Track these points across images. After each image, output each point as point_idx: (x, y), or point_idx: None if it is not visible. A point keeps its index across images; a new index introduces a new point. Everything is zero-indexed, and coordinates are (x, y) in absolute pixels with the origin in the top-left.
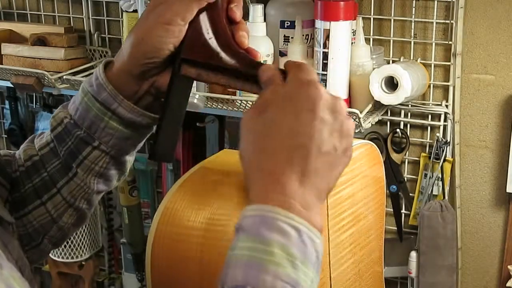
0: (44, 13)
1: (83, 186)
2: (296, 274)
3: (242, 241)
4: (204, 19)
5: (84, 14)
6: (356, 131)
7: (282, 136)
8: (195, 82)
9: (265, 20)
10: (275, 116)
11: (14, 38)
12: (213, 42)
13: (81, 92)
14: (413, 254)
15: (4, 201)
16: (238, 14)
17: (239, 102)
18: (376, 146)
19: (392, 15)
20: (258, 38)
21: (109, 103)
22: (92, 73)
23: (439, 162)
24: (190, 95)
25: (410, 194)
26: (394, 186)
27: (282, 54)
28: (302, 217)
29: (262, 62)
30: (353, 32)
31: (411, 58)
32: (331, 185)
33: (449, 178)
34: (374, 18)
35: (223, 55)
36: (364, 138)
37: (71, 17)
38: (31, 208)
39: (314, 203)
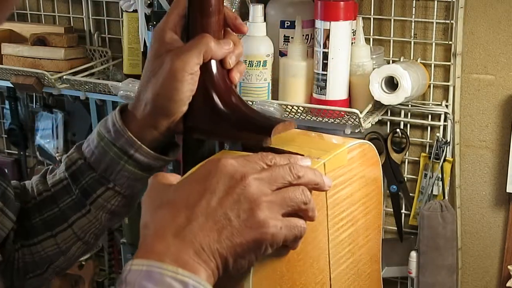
0: (44, 13)
1: (95, 223)
2: None
3: None
4: (207, 79)
5: (84, 14)
6: (356, 131)
7: (177, 201)
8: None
9: (265, 20)
10: (177, 187)
11: (14, 38)
12: (216, 109)
13: (96, 136)
14: (413, 254)
15: (6, 232)
16: (237, 78)
17: None
18: (373, 145)
19: (392, 15)
20: (258, 38)
21: (126, 149)
22: (92, 73)
23: (439, 162)
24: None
25: (410, 194)
26: (394, 186)
27: (282, 54)
28: (176, 267)
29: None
30: (353, 32)
31: (411, 58)
32: (228, 250)
33: (449, 178)
34: (374, 18)
35: (228, 123)
36: (364, 138)
37: (71, 17)
38: (41, 239)
39: (192, 260)
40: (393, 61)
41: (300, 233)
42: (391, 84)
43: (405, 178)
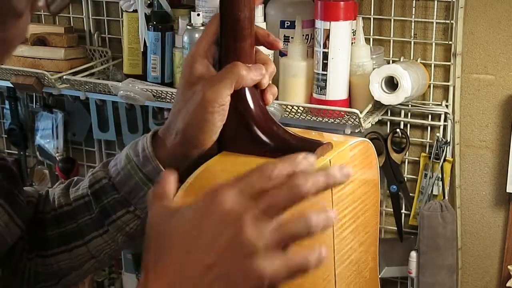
0: (44, 13)
1: (111, 244)
2: None
3: None
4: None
5: (84, 14)
6: (356, 131)
7: (172, 241)
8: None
9: (265, 20)
10: (176, 222)
11: None
12: (256, 137)
13: (125, 158)
14: (413, 254)
15: (14, 240)
16: (271, 100)
17: None
18: (371, 143)
19: (392, 15)
20: None
21: (152, 176)
22: (92, 73)
23: (439, 162)
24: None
25: (410, 194)
26: (394, 186)
27: (282, 54)
28: None
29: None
30: (353, 32)
31: (411, 58)
32: None
33: (449, 178)
34: (374, 18)
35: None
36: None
37: (71, 17)
38: (56, 252)
39: None
40: (393, 61)
41: (306, 267)
42: (391, 84)
43: (405, 178)
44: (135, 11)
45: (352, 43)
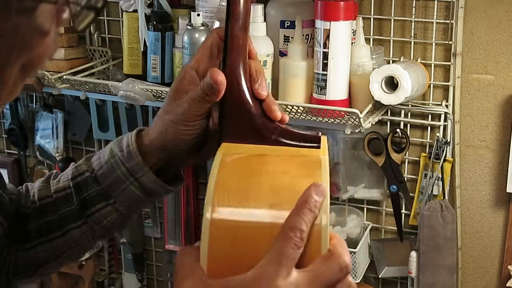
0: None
1: (88, 235)
2: None
3: None
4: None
5: None
6: (356, 131)
7: None
8: None
9: (265, 20)
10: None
11: None
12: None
13: (109, 152)
14: (413, 254)
15: None
16: (264, 93)
17: None
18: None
19: (392, 15)
20: (258, 38)
21: (135, 171)
22: (92, 73)
23: (439, 162)
24: None
25: (410, 194)
26: (394, 186)
27: (282, 54)
28: None
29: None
30: (353, 32)
31: (411, 58)
32: None
33: (449, 178)
34: (374, 18)
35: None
36: (364, 138)
37: None
38: (35, 244)
39: None
40: (393, 61)
41: None
42: (391, 84)
43: (405, 178)
44: (135, 11)
45: (352, 43)
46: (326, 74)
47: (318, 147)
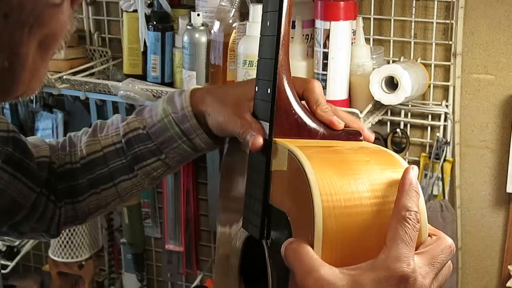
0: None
1: (138, 186)
2: None
3: None
4: None
5: (84, 14)
6: None
7: None
8: None
9: None
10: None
11: None
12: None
13: (161, 112)
14: None
15: (32, 202)
16: (333, 119)
17: None
18: None
19: (392, 15)
20: (258, 38)
21: (188, 133)
22: (92, 73)
23: (439, 162)
24: None
25: None
26: None
27: None
28: None
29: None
30: (353, 32)
31: (411, 58)
32: None
33: (449, 178)
34: (374, 18)
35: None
36: None
37: None
38: (86, 196)
39: None
40: (393, 61)
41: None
42: (391, 84)
43: None
44: (135, 11)
45: (352, 43)
46: (326, 74)
47: (361, 140)
